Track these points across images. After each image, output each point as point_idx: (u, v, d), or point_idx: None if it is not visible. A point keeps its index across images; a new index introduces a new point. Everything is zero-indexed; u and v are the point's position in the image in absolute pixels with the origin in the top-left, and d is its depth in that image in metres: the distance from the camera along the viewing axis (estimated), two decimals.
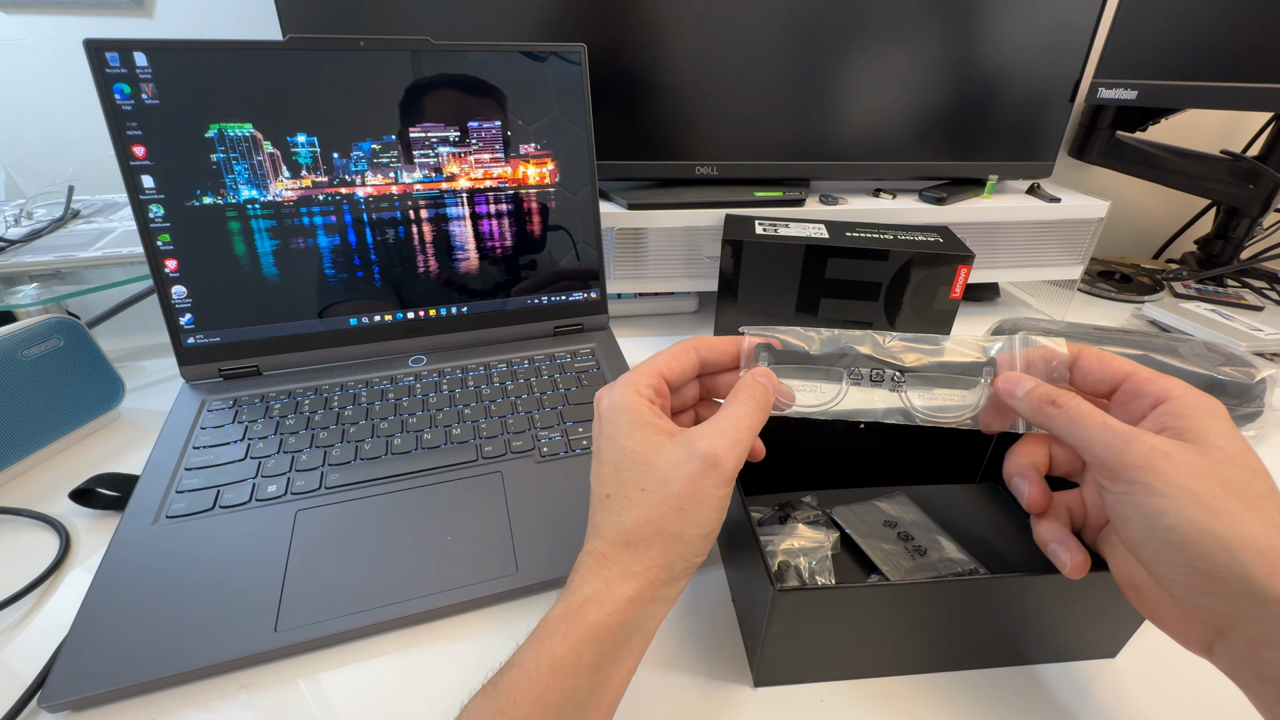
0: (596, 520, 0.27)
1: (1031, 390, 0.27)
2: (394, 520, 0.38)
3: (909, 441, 0.41)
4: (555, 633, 0.24)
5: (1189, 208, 0.86)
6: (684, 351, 0.29)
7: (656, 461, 0.25)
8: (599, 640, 0.24)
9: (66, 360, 0.46)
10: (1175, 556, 0.22)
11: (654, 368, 0.28)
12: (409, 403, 0.47)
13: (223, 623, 0.32)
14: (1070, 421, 0.25)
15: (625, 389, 0.27)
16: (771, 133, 0.64)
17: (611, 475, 0.26)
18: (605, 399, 0.28)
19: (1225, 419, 0.23)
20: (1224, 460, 0.22)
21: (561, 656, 0.23)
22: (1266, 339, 0.61)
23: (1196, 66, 0.67)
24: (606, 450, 0.27)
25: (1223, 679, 0.23)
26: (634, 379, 0.28)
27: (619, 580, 0.25)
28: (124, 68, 0.42)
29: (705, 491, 0.25)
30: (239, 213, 0.47)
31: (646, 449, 0.26)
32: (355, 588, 0.34)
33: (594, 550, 0.26)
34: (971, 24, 0.61)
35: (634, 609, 0.24)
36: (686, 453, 0.25)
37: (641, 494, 0.25)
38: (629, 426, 0.26)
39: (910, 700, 0.31)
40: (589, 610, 0.24)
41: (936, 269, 0.54)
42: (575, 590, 0.25)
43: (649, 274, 0.65)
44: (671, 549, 0.25)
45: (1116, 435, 0.23)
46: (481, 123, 0.50)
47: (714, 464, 0.25)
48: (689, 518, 0.25)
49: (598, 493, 0.27)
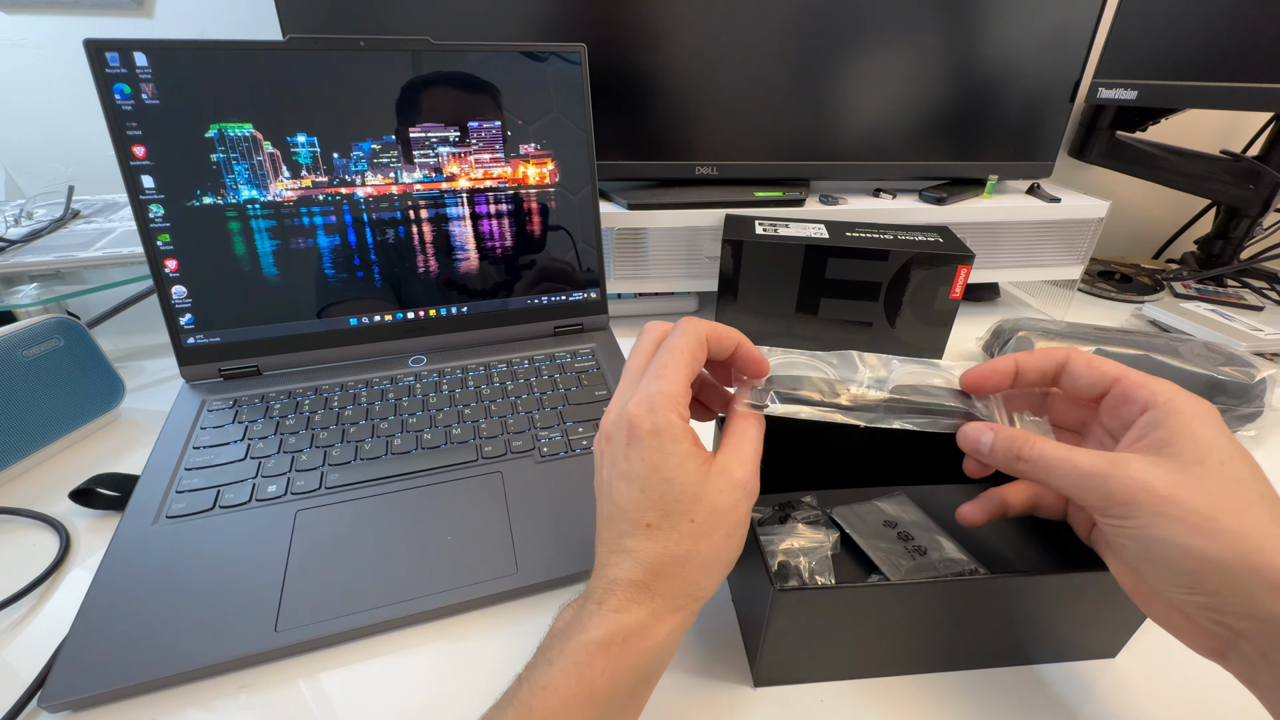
0: (631, 546, 0.25)
1: (995, 447, 0.27)
2: (394, 520, 0.38)
3: (909, 441, 0.41)
4: (596, 664, 0.23)
5: (1189, 208, 0.86)
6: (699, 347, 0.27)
7: (704, 493, 0.25)
8: (638, 671, 0.24)
9: (66, 360, 0.46)
10: (1176, 579, 0.22)
11: (684, 379, 0.26)
12: (409, 403, 0.47)
13: (222, 623, 0.32)
14: (1041, 472, 0.25)
15: (669, 413, 0.25)
16: (771, 133, 0.64)
17: (656, 504, 0.25)
18: (647, 421, 0.25)
19: (1212, 423, 0.23)
20: (1207, 475, 0.22)
21: (601, 688, 0.23)
22: (1266, 339, 0.61)
23: (1196, 66, 0.67)
24: (649, 477, 0.25)
25: (1222, 679, 0.23)
26: (673, 397, 0.26)
27: (665, 614, 0.25)
28: (124, 68, 0.42)
29: (744, 516, 0.26)
30: (239, 213, 0.47)
31: (695, 480, 0.25)
32: (355, 588, 0.34)
33: (632, 579, 0.25)
34: (971, 24, 0.61)
35: (673, 639, 0.25)
36: (728, 483, 0.25)
37: (691, 525, 0.25)
38: (679, 457, 0.25)
39: (910, 700, 0.31)
40: (633, 644, 0.24)
41: (936, 269, 0.54)
42: (616, 619, 0.24)
43: (649, 274, 0.65)
44: (715, 573, 0.26)
45: (1093, 476, 0.23)
46: (481, 123, 0.50)
47: (750, 493, 0.26)
48: (734, 543, 0.26)
49: (633, 518, 0.25)
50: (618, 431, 0.26)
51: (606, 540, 0.26)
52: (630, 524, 0.25)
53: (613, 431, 0.27)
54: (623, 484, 0.26)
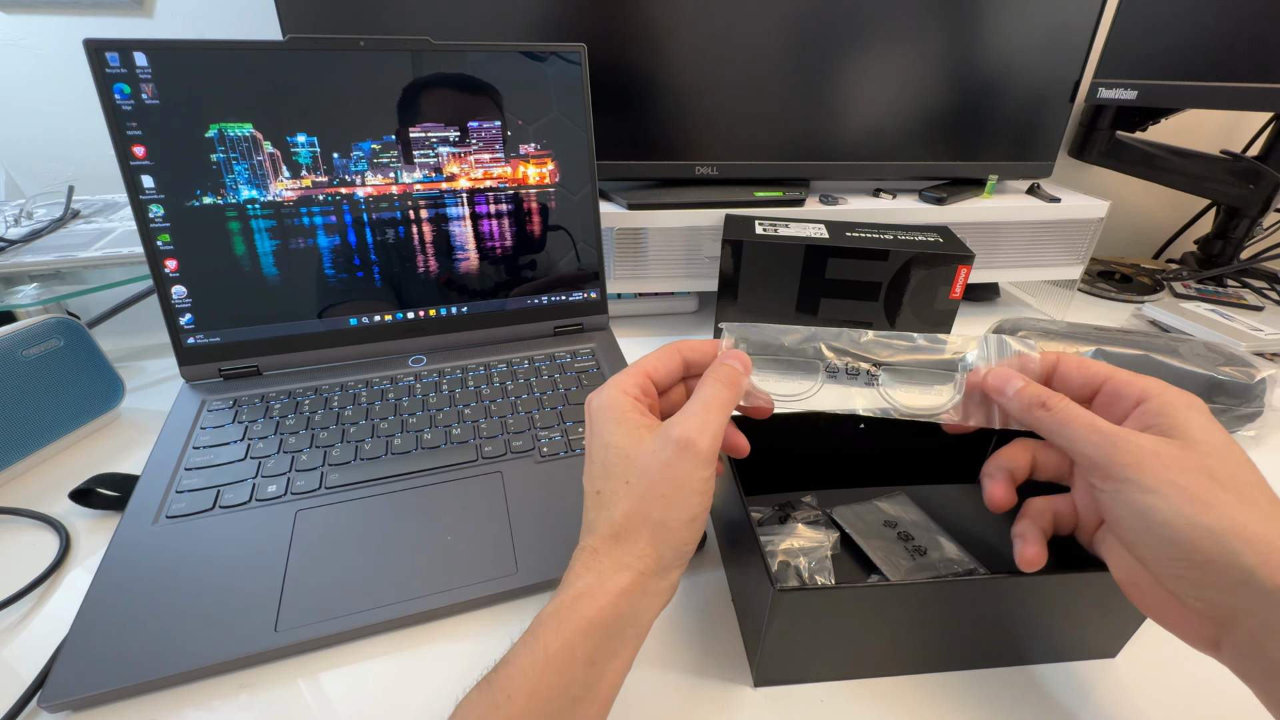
0: (589, 517, 0.28)
1: (1021, 390, 0.27)
2: (394, 520, 0.38)
3: (909, 441, 0.41)
4: (548, 628, 0.24)
5: (1189, 208, 0.86)
6: (669, 354, 0.30)
7: (637, 454, 0.26)
8: (592, 634, 0.24)
9: (66, 360, 0.46)
10: (1171, 551, 0.22)
11: (640, 369, 0.29)
12: (409, 403, 0.47)
13: (222, 623, 0.32)
14: (1059, 423, 0.26)
15: (612, 389, 0.28)
16: (771, 133, 0.64)
17: (600, 472, 0.27)
18: (594, 400, 0.29)
19: (1206, 413, 0.24)
20: (1209, 454, 0.22)
21: (555, 650, 0.23)
22: (1266, 339, 0.61)
23: (1196, 66, 0.67)
24: (595, 448, 0.28)
25: (1222, 679, 0.23)
26: (620, 380, 0.29)
27: (611, 573, 0.25)
28: (124, 68, 0.42)
29: (684, 475, 0.25)
30: (239, 213, 0.47)
31: (629, 443, 0.27)
32: (355, 588, 0.34)
33: (586, 546, 0.26)
34: (971, 24, 0.61)
35: (627, 600, 0.25)
36: (662, 440, 0.26)
37: (625, 486, 0.26)
38: (613, 424, 0.27)
39: (910, 700, 0.31)
40: (582, 604, 0.24)
41: (936, 269, 0.54)
42: (568, 586, 0.25)
43: (649, 274, 0.65)
44: (659, 538, 0.25)
45: (1105, 435, 0.24)
46: (481, 123, 0.50)
47: (687, 446, 0.25)
48: (671, 504, 0.25)
49: (589, 490, 0.28)
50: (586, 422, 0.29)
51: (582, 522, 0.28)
52: (588, 496, 0.28)
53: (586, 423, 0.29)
54: (586, 463, 0.28)
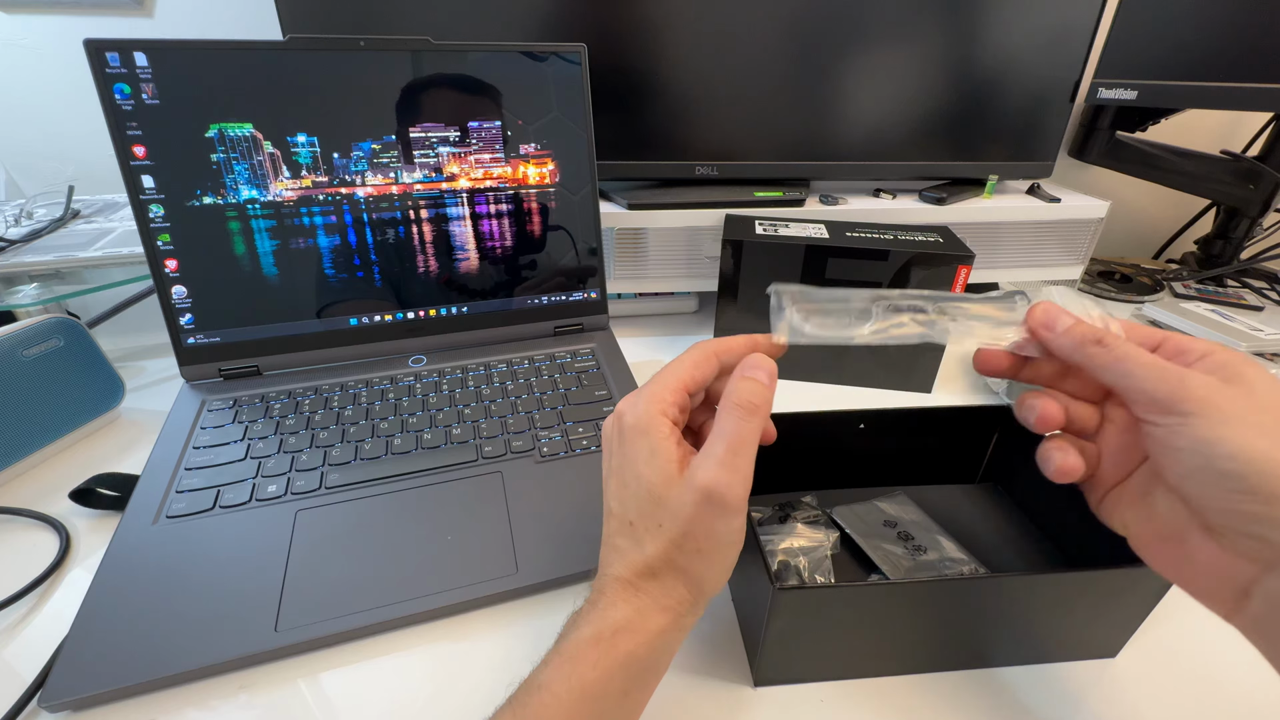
0: (619, 543, 0.26)
1: (1072, 328, 0.26)
2: (394, 520, 0.38)
3: (909, 441, 0.41)
4: (586, 658, 0.24)
5: (1189, 208, 0.86)
6: (704, 359, 0.28)
7: (667, 497, 0.25)
8: (630, 668, 0.24)
9: (66, 360, 0.46)
10: (1232, 484, 0.21)
11: (678, 381, 0.27)
12: (409, 403, 0.47)
13: (223, 623, 0.32)
14: (1116, 359, 0.24)
15: (650, 405, 0.26)
16: (771, 133, 0.64)
17: (633, 503, 0.26)
18: (629, 414, 0.26)
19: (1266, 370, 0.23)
20: (1276, 401, 0.22)
21: (592, 682, 0.23)
22: (1266, 339, 0.61)
23: (1196, 66, 0.67)
24: (627, 472, 0.26)
25: (1222, 679, 0.23)
26: (660, 394, 0.26)
27: (651, 612, 0.25)
28: (124, 68, 0.42)
29: (717, 530, 0.24)
30: (239, 213, 0.47)
31: (659, 481, 0.25)
32: (355, 588, 0.34)
33: (621, 576, 0.26)
34: (971, 24, 0.61)
35: (663, 640, 0.25)
36: (689, 488, 0.24)
37: (659, 529, 0.25)
38: (648, 453, 0.25)
39: (910, 700, 0.31)
40: (621, 639, 0.24)
41: (936, 269, 0.54)
42: (604, 614, 0.25)
43: (649, 274, 0.65)
44: (695, 588, 0.25)
45: (1171, 371, 0.23)
46: (481, 123, 0.50)
47: (714, 500, 0.24)
48: (709, 560, 0.25)
49: (619, 515, 0.26)
50: (612, 429, 0.28)
51: (605, 537, 0.27)
52: (619, 521, 0.26)
53: (609, 429, 0.28)
54: (613, 481, 0.27)
